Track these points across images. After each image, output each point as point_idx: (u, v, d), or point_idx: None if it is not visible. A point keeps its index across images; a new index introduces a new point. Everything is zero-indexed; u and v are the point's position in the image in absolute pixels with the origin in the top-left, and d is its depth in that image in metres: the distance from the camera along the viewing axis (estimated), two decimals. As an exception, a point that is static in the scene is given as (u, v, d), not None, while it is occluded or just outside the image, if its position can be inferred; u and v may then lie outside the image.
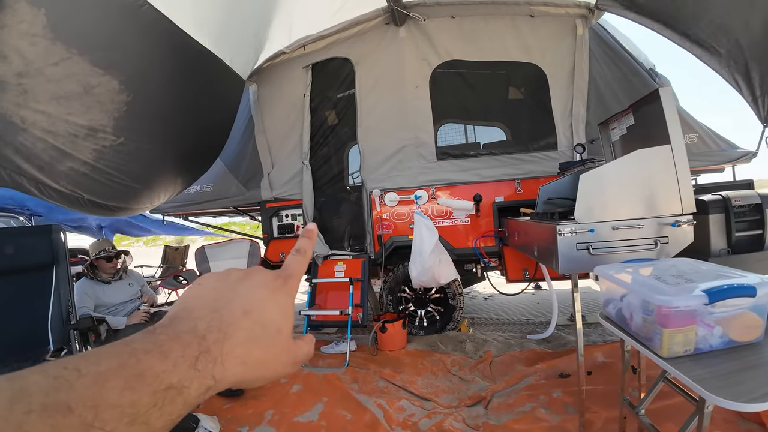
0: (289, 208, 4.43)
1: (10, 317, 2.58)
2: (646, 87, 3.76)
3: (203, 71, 3.13)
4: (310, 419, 2.58)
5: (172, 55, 2.77)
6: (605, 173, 2.15)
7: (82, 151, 2.42)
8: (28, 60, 1.98)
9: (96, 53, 2.23)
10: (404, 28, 4.07)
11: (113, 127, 2.49)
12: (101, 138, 2.47)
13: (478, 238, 3.88)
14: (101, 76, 2.29)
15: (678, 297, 1.27)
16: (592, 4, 3.65)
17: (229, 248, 4.33)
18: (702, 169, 4.05)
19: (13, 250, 2.67)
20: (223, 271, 0.43)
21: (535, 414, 2.43)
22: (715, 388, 1.15)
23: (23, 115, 2.09)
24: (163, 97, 2.83)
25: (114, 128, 2.50)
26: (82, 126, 2.34)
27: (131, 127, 2.62)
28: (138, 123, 2.68)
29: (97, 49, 2.25)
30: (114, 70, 2.36)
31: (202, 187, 4.64)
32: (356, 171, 4.29)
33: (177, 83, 2.91)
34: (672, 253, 2.08)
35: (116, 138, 2.54)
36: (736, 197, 2.67)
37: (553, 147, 3.87)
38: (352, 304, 3.62)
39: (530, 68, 3.94)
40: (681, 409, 2.12)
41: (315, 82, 4.34)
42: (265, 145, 4.44)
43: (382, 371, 3.20)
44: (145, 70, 2.60)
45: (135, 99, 2.52)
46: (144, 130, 2.79)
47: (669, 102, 2.20)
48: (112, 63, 2.34)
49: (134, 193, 3.02)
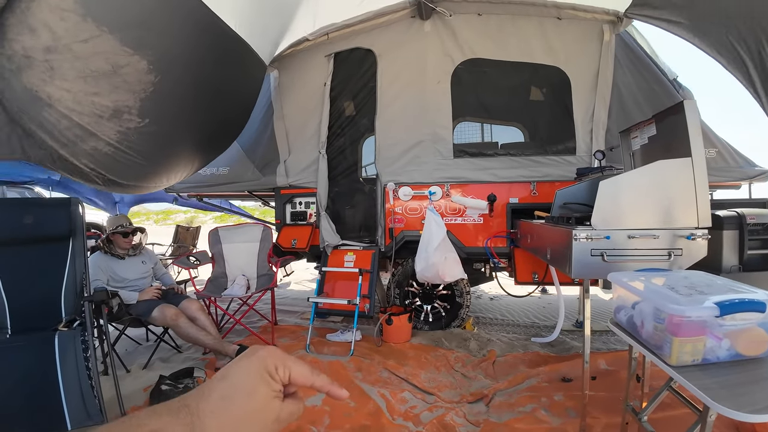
0: (303, 196, 4.46)
1: (24, 286, 2.64)
2: (669, 97, 3.74)
3: (229, 54, 3.12)
4: (314, 403, 2.63)
5: (201, 35, 2.75)
6: (625, 181, 2.16)
7: (106, 131, 2.42)
8: (57, 35, 1.96)
9: (126, 32, 2.21)
10: (429, 22, 4.06)
11: (138, 109, 2.49)
12: (126, 119, 2.46)
13: (489, 238, 3.90)
14: (130, 56, 2.27)
15: (690, 307, 1.29)
16: (621, 12, 3.62)
17: (242, 231, 4.39)
18: (719, 184, 4.03)
19: (32, 220, 2.74)
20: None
21: (535, 415, 2.46)
22: (720, 398, 1.18)
23: (49, 91, 2.07)
24: (189, 79, 2.82)
25: (139, 110, 2.49)
26: (107, 107, 2.33)
27: (156, 108, 2.61)
28: (163, 105, 2.67)
29: (128, 28, 2.22)
30: (143, 50, 2.33)
31: (218, 170, 4.69)
32: (370, 163, 4.32)
33: (204, 65, 2.91)
34: (685, 265, 2.09)
35: (141, 120, 2.53)
36: (750, 215, 2.66)
37: (572, 152, 3.86)
38: (360, 294, 3.66)
39: (553, 71, 3.92)
40: (682, 420, 2.14)
41: (336, 71, 4.35)
42: (283, 132, 4.47)
43: (386, 362, 3.24)
44: (174, 50, 2.59)
45: (162, 80, 2.50)
46: (168, 112, 2.78)
47: (693, 115, 2.19)
48: (141, 42, 2.31)
49: (153, 174, 3.03)
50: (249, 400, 0.45)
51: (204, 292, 3.91)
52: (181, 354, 3.52)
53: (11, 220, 2.68)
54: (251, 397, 0.45)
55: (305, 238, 4.28)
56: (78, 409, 2.09)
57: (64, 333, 2.44)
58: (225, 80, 3.24)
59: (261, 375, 0.47)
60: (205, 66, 2.92)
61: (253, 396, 0.45)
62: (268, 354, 0.49)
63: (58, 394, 2.12)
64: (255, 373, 0.47)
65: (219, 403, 0.43)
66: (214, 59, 2.98)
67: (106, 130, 2.41)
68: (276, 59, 4.31)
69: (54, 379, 2.16)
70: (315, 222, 4.34)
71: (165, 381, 2.71)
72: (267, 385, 0.47)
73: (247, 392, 0.45)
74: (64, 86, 2.11)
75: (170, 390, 2.62)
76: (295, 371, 0.50)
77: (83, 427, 2.08)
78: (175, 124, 2.91)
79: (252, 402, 0.45)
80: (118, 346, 3.34)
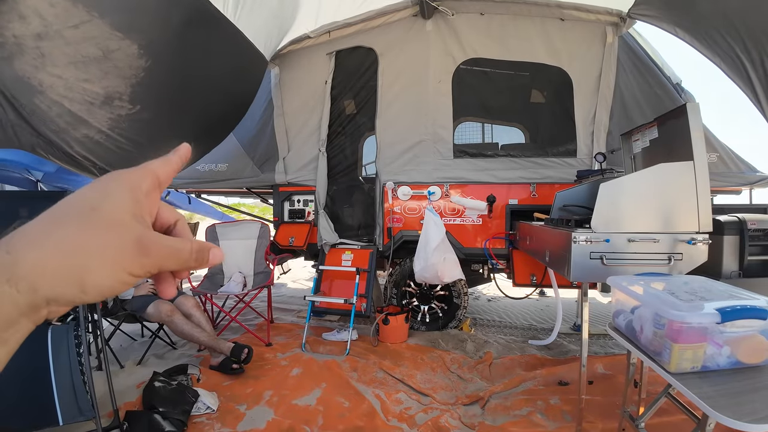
0: (302, 194, 4.44)
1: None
2: (671, 101, 3.72)
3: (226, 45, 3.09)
4: (308, 403, 2.61)
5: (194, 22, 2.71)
6: (626, 184, 2.14)
7: (98, 118, 2.40)
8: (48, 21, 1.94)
9: (117, 15, 2.17)
10: (431, 22, 4.04)
11: (130, 95, 2.46)
12: (117, 106, 2.44)
13: (488, 239, 3.88)
14: (121, 40, 2.24)
15: (691, 313, 1.27)
16: (624, 12, 3.60)
17: (240, 228, 4.36)
18: (719, 189, 4.01)
19: (27, 213, 2.71)
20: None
21: (531, 419, 2.44)
22: (720, 407, 1.16)
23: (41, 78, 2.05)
24: (181, 66, 2.78)
25: (130, 96, 2.47)
26: (98, 93, 2.31)
27: (147, 94, 2.58)
28: (154, 91, 2.63)
29: (118, 12, 2.19)
30: (134, 34, 2.30)
31: (216, 166, 4.67)
32: (370, 162, 4.29)
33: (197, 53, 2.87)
34: (685, 270, 2.07)
35: (132, 106, 2.51)
36: (751, 221, 2.65)
37: (573, 154, 3.84)
38: (357, 293, 3.64)
39: (555, 72, 3.90)
40: (679, 426, 2.12)
41: (337, 69, 4.33)
42: (283, 129, 4.45)
43: (382, 362, 3.22)
44: (166, 36, 2.55)
45: (153, 65, 2.47)
46: (160, 99, 2.75)
47: (696, 119, 2.18)
48: (132, 26, 2.28)
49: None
50: (89, 217, 0.31)
51: (200, 288, 3.89)
52: (175, 351, 3.50)
53: (6, 213, 2.65)
54: (93, 213, 0.31)
55: (303, 236, 4.26)
56: (70, 405, 2.07)
57: (57, 327, 2.41)
58: (220, 71, 3.21)
59: (118, 189, 0.34)
60: (199, 54, 2.88)
61: (94, 212, 0.31)
62: (142, 174, 0.36)
63: (50, 389, 2.10)
64: (105, 184, 0.34)
65: (41, 227, 0.30)
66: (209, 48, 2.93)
67: (98, 117, 2.39)
68: (277, 56, 4.29)
69: (46, 374, 2.13)
70: (313, 220, 4.32)
71: (159, 377, 2.69)
72: (121, 201, 0.33)
73: (90, 207, 0.32)
74: (55, 72, 2.09)
75: (163, 387, 2.59)
76: (152, 170, 0.37)
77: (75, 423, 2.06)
78: (167, 113, 2.88)
79: (94, 220, 0.31)
80: (112, 342, 3.32)
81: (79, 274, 0.30)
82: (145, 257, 0.32)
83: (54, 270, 0.29)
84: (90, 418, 2.08)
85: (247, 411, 2.55)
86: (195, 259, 0.36)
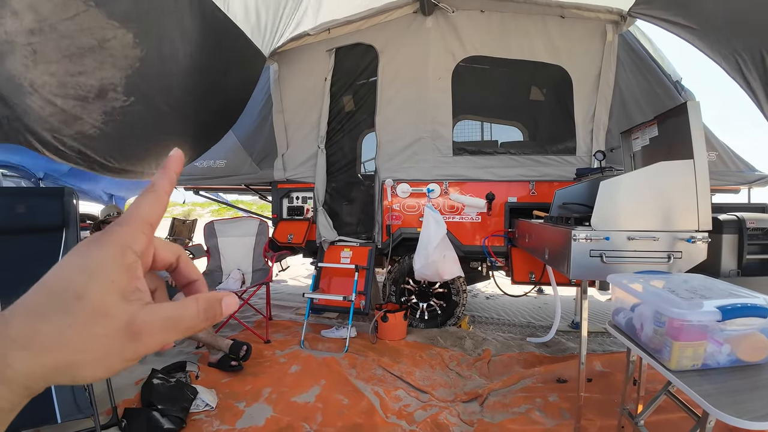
0: (301, 191, 4.43)
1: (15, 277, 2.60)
2: (671, 99, 3.72)
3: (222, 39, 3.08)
4: (306, 400, 2.61)
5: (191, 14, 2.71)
6: (626, 182, 2.14)
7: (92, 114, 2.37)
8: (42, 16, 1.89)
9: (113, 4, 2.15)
10: (431, 19, 4.03)
11: (124, 86, 2.43)
12: (111, 98, 2.41)
13: (487, 237, 3.88)
14: (116, 29, 2.22)
15: (692, 311, 1.27)
16: (624, 11, 3.60)
17: (239, 225, 4.35)
18: (718, 188, 4.02)
19: (24, 210, 2.69)
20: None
21: (530, 416, 2.44)
22: (721, 404, 1.16)
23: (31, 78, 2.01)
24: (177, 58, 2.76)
25: (125, 87, 2.44)
26: (92, 86, 2.27)
27: (142, 85, 2.55)
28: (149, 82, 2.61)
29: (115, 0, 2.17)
30: (129, 23, 2.28)
31: (215, 162, 4.66)
32: (369, 159, 4.29)
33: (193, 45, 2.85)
34: (684, 268, 2.07)
35: (126, 98, 2.48)
36: (750, 219, 2.65)
37: (572, 152, 3.84)
38: (355, 291, 3.63)
39: (555, 70, 3.89)
40: (678, 424, 2.13)
41: (337, 66, 4.31)
42: (282, 126, 4.44)
43: (381, 360, 3.22)
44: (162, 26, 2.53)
45: (148, 55, 2.45)
46: (155, 91, 2.72)
47: (696, 117, 2.18)
48: (128, 15, 2.26)
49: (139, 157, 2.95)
50: (74, 308, 0.29)
51: (198, 285, 3.87)
52: (174, 348, 3.49)
53: (3, 209, 2.64)
54: (78, 302, 0.29)
55: (302, 233, 4.25)
56: (68, 403, 2.06)
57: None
58: (218, 65, 3.19)
59: (105, 261, 0.31)
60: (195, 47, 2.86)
61: (80, 301, 0.29)
62: (134, 232, 0.33)
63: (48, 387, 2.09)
64: (92, 259, 0.30)
65: (26, 322, 0.28)
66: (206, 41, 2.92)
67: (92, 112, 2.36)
68: (276, 52, 4.27)
69: (44, 371, 2.13)
70: (312, 217, 4.31)
71: (157, 375, 2.68)
72: (107, 281, 0.30)
73: (75, 295, 0.29)
74: (47, 70, 2.06)
75: (162, 384, 2.59)
76: (140, 216, 0.34)
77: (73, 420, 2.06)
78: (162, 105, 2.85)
79: (79, 311, 0.29)
80: (110, 339, 3.31)
81: (69, 371, 0.29)
82: (137, 342, 0.30)
83: (43, 369, 0.28)
84: (88, 416, 2.07)
85: (246, 408, 2.55)
86: (204, 319, 0.33)
